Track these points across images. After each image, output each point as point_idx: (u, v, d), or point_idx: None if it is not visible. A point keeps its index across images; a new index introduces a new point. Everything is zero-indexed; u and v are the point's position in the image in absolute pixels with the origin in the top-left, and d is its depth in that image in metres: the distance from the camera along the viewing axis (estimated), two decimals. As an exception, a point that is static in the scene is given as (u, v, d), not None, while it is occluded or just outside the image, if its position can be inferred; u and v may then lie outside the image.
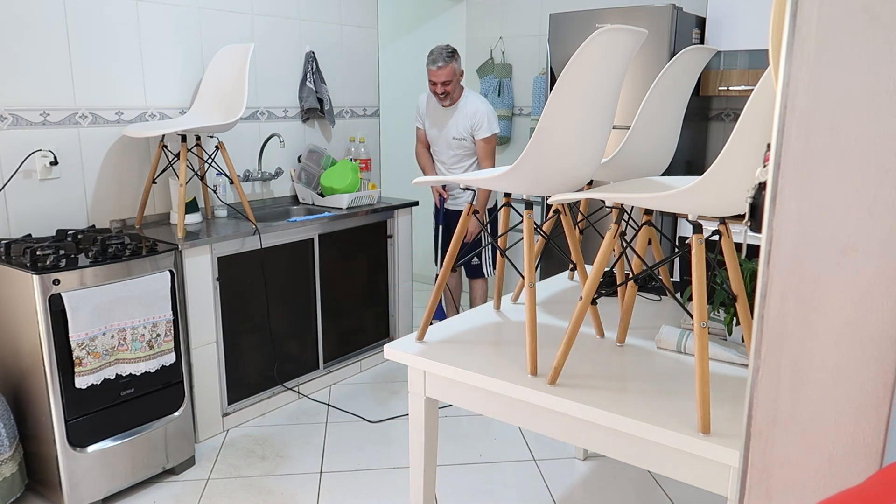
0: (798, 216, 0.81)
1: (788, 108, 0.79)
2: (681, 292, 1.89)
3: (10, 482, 2.25)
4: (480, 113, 3.47)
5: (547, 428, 1.56)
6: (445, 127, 3.57)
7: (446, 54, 3.37)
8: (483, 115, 3.47)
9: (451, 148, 3.59)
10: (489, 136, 3.49)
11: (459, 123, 3.51)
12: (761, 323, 0.85)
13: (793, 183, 0.80)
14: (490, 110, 3.51)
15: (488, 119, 3.48)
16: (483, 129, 3.48)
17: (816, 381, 0.83)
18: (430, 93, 3.52)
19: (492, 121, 3.50)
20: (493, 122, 3.50)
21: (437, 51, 3.39)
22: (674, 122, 1.89)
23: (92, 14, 2.72)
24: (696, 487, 1.61)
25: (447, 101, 3.48)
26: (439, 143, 3.64)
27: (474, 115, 3.47)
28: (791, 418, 0.85)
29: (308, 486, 2.57)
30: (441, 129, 3.60)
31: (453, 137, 3.56)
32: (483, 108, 3.49)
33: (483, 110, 3.48)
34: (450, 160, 3.64)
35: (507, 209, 1.88)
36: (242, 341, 3.03)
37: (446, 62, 3.36)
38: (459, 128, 3.52)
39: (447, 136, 3.58)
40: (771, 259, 0.83)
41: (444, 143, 3.61)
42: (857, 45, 0.74)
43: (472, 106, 3.49)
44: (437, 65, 3.37)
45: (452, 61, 3.38)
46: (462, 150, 3.58)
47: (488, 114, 3.49)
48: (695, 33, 3.41)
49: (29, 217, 2.62)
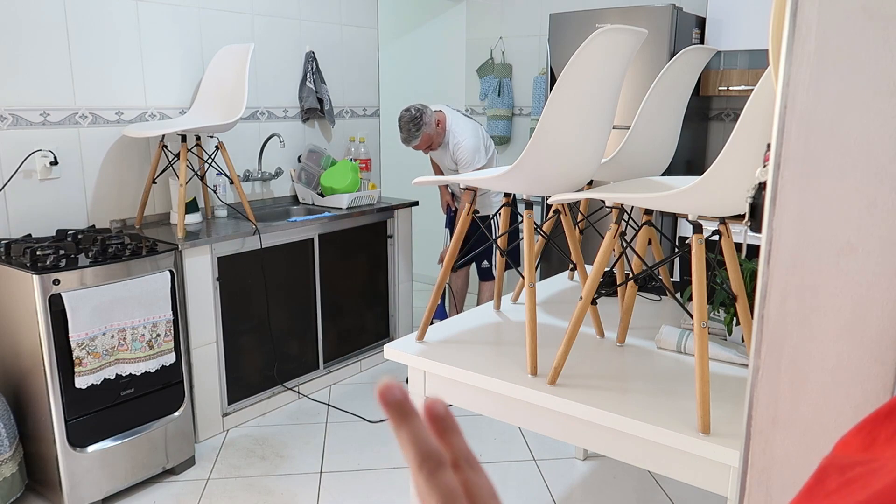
0: (798, 216, 0.81)
1: (788, 108, 0.79)
2: (681, 292, 1.89)
3: (10, 482, 2.25)
4: (460, 152, 3.35)
5: (547, 428, 1.56)
6: (441, 158, 3.55)
7: (413, 127, 3.23)
8: (462, 154, 3.34)
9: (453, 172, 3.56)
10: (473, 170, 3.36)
11: (447, 159, 3.48)
12: (761, 323, 0.85)
13: (793, 183, 0.80)
14: (470, 146, 3.33)
15: (468, 156, 3.33)
16: (466, 166, 3.36)
17: (816, 381, 0.83)
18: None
19: (472, 158, 3.34)
20: (473, 159, 3.34)
21: (403, 126, 3.25)
22: (674, 122, 1.89)
23: (92, 14, 2.72)
24: (696, 487, 1.61)
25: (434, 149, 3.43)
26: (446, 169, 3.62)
27: (454, 153, 3.39)
28: (791, 418, 0.85)
29: (308, 486, 2.57)
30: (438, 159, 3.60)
31: (450, 169, 3.55)
32: (463, 144, 3.33)
33: (462, 148, 3.33)
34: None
35: (507, 209, 1.88)
36: (242, 341, 3.03)
37: (417, 136, 3.25)
38: (449, 162, 3.49)
39: (445, 165, 3.57)
40: (771, 259, 0.83)
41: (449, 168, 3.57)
42: (857, 45, 0.74)
43: (454, 143, 3.36)
44: (411, 143, 3.29)
45: (422, 129, 3.24)
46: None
47: (468, 151, 3.33)
48: (695, 33, 3.41)
49: (29, 217, 2.62)
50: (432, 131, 3.29)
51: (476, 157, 3.36)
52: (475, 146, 3.36)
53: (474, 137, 3.38)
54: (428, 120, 3.26)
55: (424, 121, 3.24)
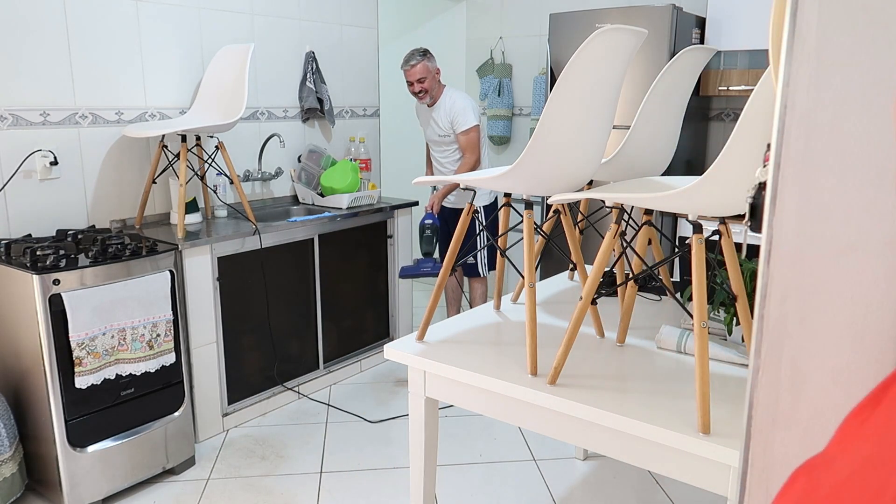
0: (798, 216, 0.81)
1: (788, 108, 0.79)
2: (681, 292, 1.89)
3: (10, 482, 2.25)
4: (457, 107, 3.49)
5: (547, 428, 1.56)
6: (430, 125, 3.63)
7: (418, 54, 3.45)
8: (460, 109, 3.49)
9: (439, 145, 3.66)
10: (467, 128, 3.49)
11: (441, 120, 3.56)
12: (761, 323, 0.85)
13: (793, 183, 0.80)
14: (467, 104, 3.50)
15: (464, 112, 3.48)
16: (460, 123, 3.49)
17: (816, 381, 0.83)
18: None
19: (468, 113, 3.49)
20: (469, 115, 3.49)
21: (409, 52, 3.48)
22: (674, 122, 1.89)
23: (92, 14, 2.72)
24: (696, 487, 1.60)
25: (427, 98, 3.53)
26: (431, 142, 3.72)
27: (451, 109, 3.50)
28: (791, 418, 0.85)
29: (308, 486, 2.57)
30: (427, 128, 3.68)
31: (438, 135, 3.61)
32: (461, 102, 3.51)
33: (460, 105, 3.49)
34: (440, 156, 3.70)
35: (507, 209, 1.88)
36: (242, 341, 3.03)
37: (418, 60, 3.43)
38: (442, 125, 3.57)
39: (434, 135, 3.64)
40: (771, 259, 0.83)
41: (434, 141, 3.67)
42: (857, 45, 0.74)
43: (450, 101, 3.52)
44: (410, 63, 3.45)
45: (424, 59, 3.44)
46: (449, 147, 3.62)
47: (465, 108, 3.49)
48: (695, 33, 3.41)
49: (29, 217, 2.62)
50: (433, 70, 3.50)
51: (473, 113, 3.52)
52: (470, 104, 3.54)
53: (469, 99, 3.57)
54: (432, 60, 3.50)
55: (429, 57, 3.48)
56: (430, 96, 3.52)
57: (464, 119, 3.49)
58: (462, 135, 3.52)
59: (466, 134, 3.51)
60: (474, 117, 3.52)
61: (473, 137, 3.53)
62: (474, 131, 3.53)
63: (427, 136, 3.72)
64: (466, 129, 3.50)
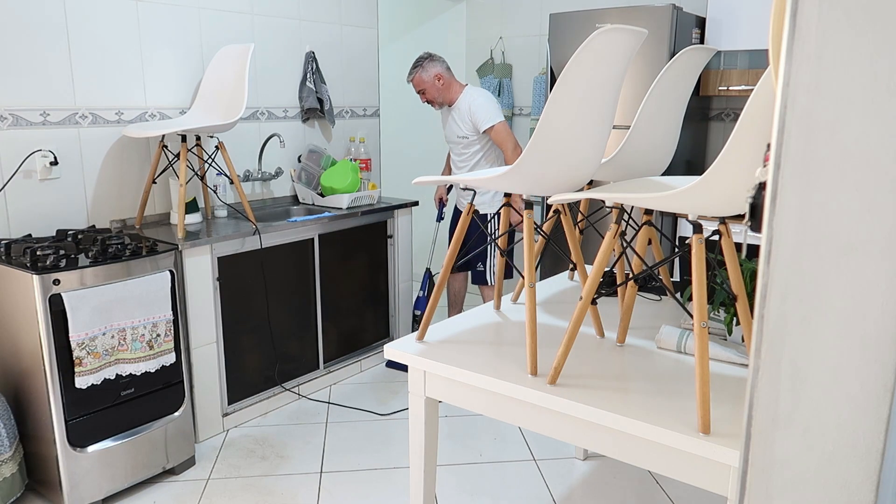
0: (798, 216, 0.81)
1: (788, 108, 0.79)
2: (681, 292, 1.89)
3: (10, 482, 2.25)
4: (475, 107, 3.41)
5: (547, 428, 1.56)
6: (448, 126, 3.58)
7: (414, 64, 3.43)
8: (477, 108, 3.40)
9: (457, 146, 3.57)
10: (491, 125, 3.38)
11: (459, 122, 3.50)
12: (761, 323, 0.85)
13: (793, 183, 0.80)
14: (484, 102, 3.41)
15: (483, 110, 3.39)
16: (482, 122, 3.40)
17: (816, 381, 0.83)
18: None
19: (489, 111, 3.39)
20: (490, 112, 3.39)
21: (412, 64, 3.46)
22: (674, 122, 1.89)
23: (92, 14, 2.72)
24: (696, 487, 1.61)
25: (436, 105, 3.50)
26: (449, 143, 3.65)
27: (468, 110, 3.43)
28: (791, 418, 0.85)
29: (308, 486, 2.57)
30: (446, 128, 3.61)
31: (456, 136, 3.53)
32: (477, 100, 3.41)
33: (477, 104, 3.41)
34: (457, 158, 3.61)
35: (507, 209, 1.88)
36: (242, 341, 3.03)
37: (413, 73, 3.43)
38: (460, 126, 3.49)
39: (452, 135, 3.57)
40: (771, 259, 0.83)
41: (452, 142, 3.60)
42: (857, 45, 0.74)
43: (466, 102, 3.43)
44: (408, 76, 3.45)
45: (419, 70, 3.41)
46: (466, 149, 3.54)
47: (482, 105, 3.40)
48: (695, 33, 3.41)
49: (29, 217, 2.62)
50: (429, 79, 3.43)
51: (494, 109, 3.43)
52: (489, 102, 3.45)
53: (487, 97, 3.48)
54: (427, 66, 3.43)
55: (423, 65, 3.43)
56: (437, 103, 3.47)
57: (484, 117, 3.39)
58: (489, 132, 3.41)
59: (493, 131, 3.40)
60: (497, 113, 3.41)
61: (500, 131, 3.41)
62: (501, 126, 3.41)
63: (446, 136, 3.64)
64: (490, 126, 3.39)
